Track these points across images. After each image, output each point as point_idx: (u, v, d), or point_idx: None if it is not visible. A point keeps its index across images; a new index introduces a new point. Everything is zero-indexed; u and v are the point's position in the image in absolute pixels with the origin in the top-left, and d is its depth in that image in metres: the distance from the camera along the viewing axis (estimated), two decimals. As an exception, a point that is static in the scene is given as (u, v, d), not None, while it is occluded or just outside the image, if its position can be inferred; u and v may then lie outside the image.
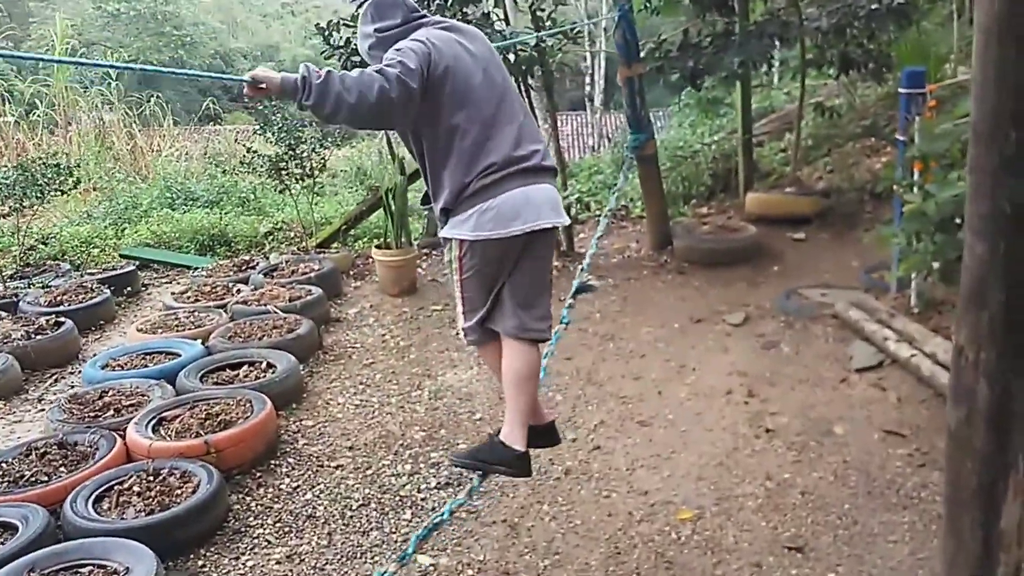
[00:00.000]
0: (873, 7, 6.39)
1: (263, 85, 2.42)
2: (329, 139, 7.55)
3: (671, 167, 9.18)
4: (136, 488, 3.69)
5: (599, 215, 8.45)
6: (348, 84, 2.35)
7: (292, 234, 10.01)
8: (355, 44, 6.07)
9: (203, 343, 5.48)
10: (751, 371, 4.84)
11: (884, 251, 6.16)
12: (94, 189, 12.85)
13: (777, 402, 4.42)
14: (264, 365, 5.01)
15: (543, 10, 6.75)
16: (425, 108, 2.58)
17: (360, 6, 3.23)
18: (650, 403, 4.54)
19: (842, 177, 8.07)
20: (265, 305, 6.01)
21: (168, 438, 4.10)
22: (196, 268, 8.06)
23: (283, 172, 7.40)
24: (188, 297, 6.53)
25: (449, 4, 6.05)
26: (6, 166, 8.49)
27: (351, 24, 6.33)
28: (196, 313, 6.11)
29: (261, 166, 7.37)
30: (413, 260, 6.95)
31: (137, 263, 8.58)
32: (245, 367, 5.02)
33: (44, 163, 7.51)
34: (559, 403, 4.62)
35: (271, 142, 7.34)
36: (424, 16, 2.79)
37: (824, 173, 8.86)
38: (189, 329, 5.78)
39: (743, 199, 8.00)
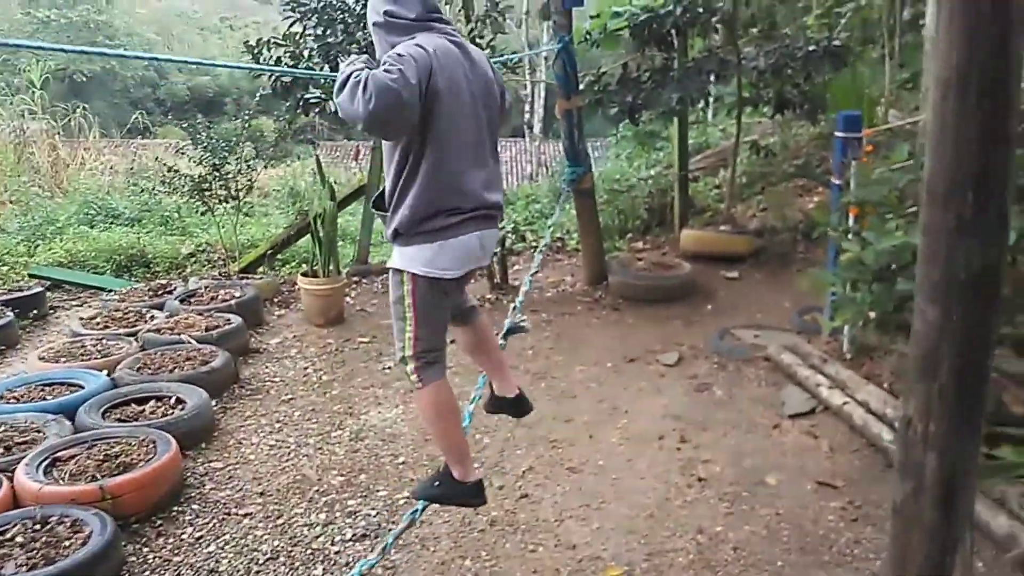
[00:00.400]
0: (810, 49, 6.45)
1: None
2: (257, 159, 7.26)
3: (607, 200, 9.13)
4: (20, 539, 3.35)
5: (535, 246, 8.34)
6: (365, 88, 2.30)
7: (216, 256, 9.64)
8: (286, 64, 5.86)
9: (109, 374, 5.13)
10: (684, 415, 4.72)
11: (817, 294, 6.19)
12: (10, 202, 12.23)
13: (710, 449, 4.30)
14: (173, 400, 4.69)
15: (482, 36, 6.63)
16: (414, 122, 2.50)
17: None
18: (581, 448, 4.38)
19: (775, 216, 8.12)
20: (179, 334, 5.68)
21: (60, 481, 3.77)
22: (110, 290, 7.65)
23: (206, 193, 7.07)
24: (97, 323, 6.14)
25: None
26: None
27: (283, 43, 6.10)
28: (104, 341, 5.74)
29: (183, 186, 7.02)
30: (341, 289, 6.69)
31: (48, 283, 8.14)
32: (152, 402, 4.69)
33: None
34: (486, 447, 4.42)
35: (195, 161, 7.02)
36: (439, 19, 2.65)
37: (757, 211, 8.92)
38: (95, 359, 5.41)
39: (678, 235, 7.98)
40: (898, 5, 9.59)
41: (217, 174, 7.00)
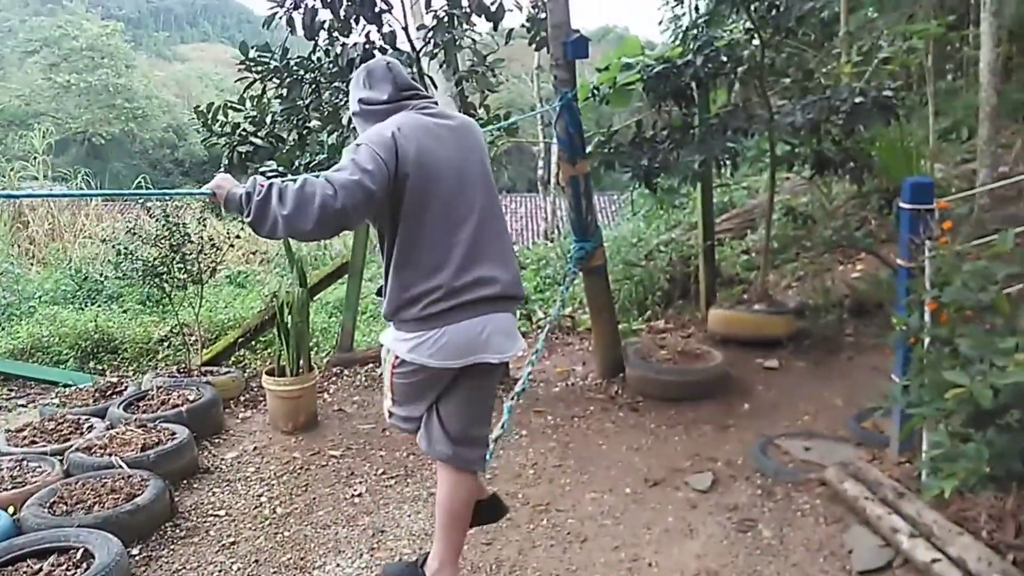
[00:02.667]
0: (856, 101, 5.50)
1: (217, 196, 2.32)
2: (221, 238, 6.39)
3: (623, 269, 8.18)
4: None
5: (545, 321, 7.36)
6: (286, 198, 2.19)
7: (193, 340, 8.77)
8: (242, 130, 5.02)
9: (15, 513, 4.19)
10: (723, 568, 3.68)
11: (876, 389, 5.18)
12: None
13: (762, 628, 3.26)
14: (79, 555, 3.72)
15: (466, 96, 5.77)
16: (383, 206, 2.43)
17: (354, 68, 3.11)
18: (592, 628, 3.35)
19: (815, 289, 7.10)
20: (110, 454, 4.73)
21: None
22: (65, 385, 6.76)
23: (161, 277, 6.18)
24: (25, 437, 5.21)
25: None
26: None
27: (238, 107, 5.26)
28: (24, 463, 4.80)
29: (135, 271, 6.14)
30: (312, 389, 5.73)
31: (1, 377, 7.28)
32: (54, 557, 3.73)
33: None
34: (467, 626, 3.40)
35: (147, 242, 6.15)
36: (413, 96, 2.61)
37: (792, 281, 7.92)
38: (4, 489, 4.47)
39: (704, 312, 6.99)
40: (932, 49, 8.68)
41: (175, 255, 6.12)
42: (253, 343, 7.44)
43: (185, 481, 4.85)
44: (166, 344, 8.18)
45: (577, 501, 4.39)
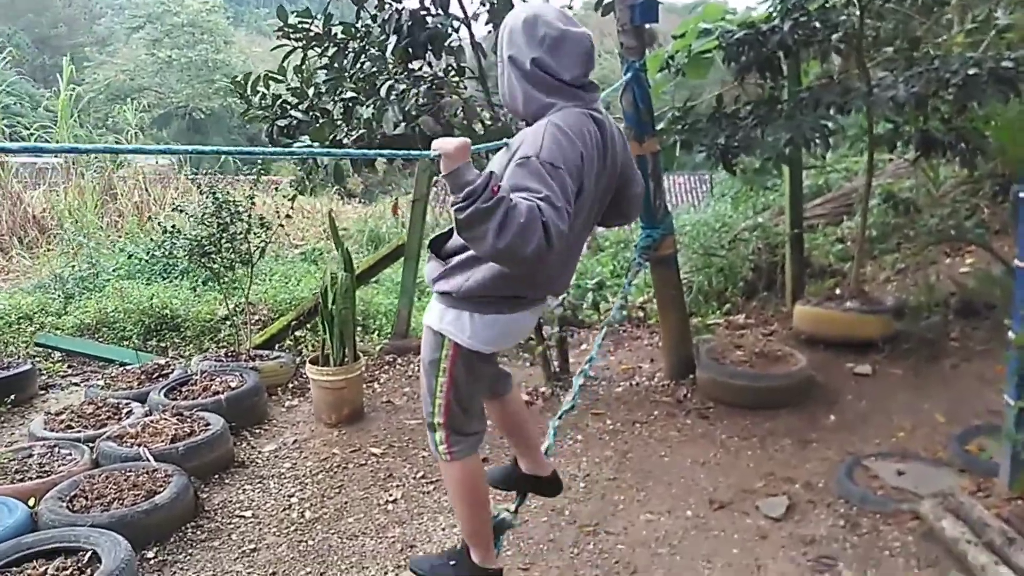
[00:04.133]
0: (970, 73, 4.77)
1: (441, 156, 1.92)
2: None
3: (702, 257, 7.56)
4: None
5: (606, 317, 6.82)
6: (507, 227, 1.81)
7: (254, 318, 8.60)
8: (282, 102, 4.68)
9: (35, 505, 3.99)
10: (795, 617, 3.16)
11: (981, 406, 4.53)
12: (74, 251, 11.64)
13: None
14: (86, 558, 3.48)
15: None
16: None
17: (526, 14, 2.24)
18: None
19: (917, 285, 6.36)
20: (140, 445, 4.51)
21: None
22: (124, 364, 6.66)
23: (210, 256, 5.94)
24: (62, 421, 5.05)
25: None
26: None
27: (279, 78, 4.91)
28: (55, 451, 4.63)
29: (182, 248, 5.91)
30: (357, 380, 5.40)
31: (62, 353, 7.25)
32: (60, 559, 3.49)
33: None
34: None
35: (196, 221, 5.91)
36: (590, 85, 2.26)
37: (891, 275, 7.17)
38: (29, 479, 4.29)
39: (790, 308, 6.35)
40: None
41: (224, 235, 5.86)
42: (314, 326, 7.17)
43: (217, 475, 4.60)
44: (228, 323, 8.03)
45: (630, 523, 3.91)
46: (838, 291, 6.18)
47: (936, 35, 6.59)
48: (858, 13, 5.35)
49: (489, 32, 4.83)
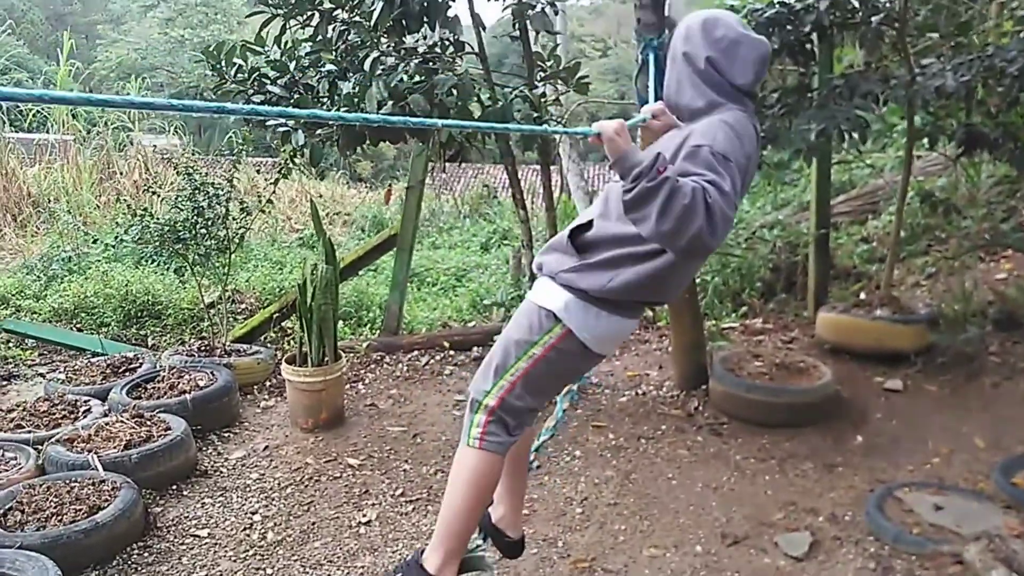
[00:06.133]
0: (1028, 62, 4.26)
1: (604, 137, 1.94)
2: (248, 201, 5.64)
3: (718, 255, 7.07)
4: None
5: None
6: (671, 206, 1.78)
7: (244, 307, 8.16)
8: (258, 76, 4.21)
9: (-36, 519, 3.55)
10: None
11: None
12: (64, 231, 11.22)
13: None
14: (9, 587, 3.05)
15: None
16: None
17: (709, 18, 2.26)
18: None
19: (950, 291, 5.85)
20: (90, 452, 4.06)
21: None
22: (97, 353, 6.22)
23: (185, 243, 5.48)
24: (12, 420, 4.61)
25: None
26: None
27: (258, 49, 4.44)
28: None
29: (154, 233, 5.45)
30: (338, 382, 4.93)
31: (35, 341, 6.83)
32: (-20, 589, 3.06)
33: None
34: None
35: (170, 205, 5.45)
36: (752, 94, 2.24)
37: (921, 279, 6.66)
38: (-37, 487, 3.86)
39: (812, 314, 5.86)
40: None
41: (199, 220, 5.40)
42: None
43: (175, 486, 4.16)
44: (213, 311, 7.59)
45: (632, 559, 3.45)
46: (863, 296, 5.68)
47: (984, 19, 6.06)
48: (902, -8, 4.84)
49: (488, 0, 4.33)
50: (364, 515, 3.87)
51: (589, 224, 2.20)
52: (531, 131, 4.04)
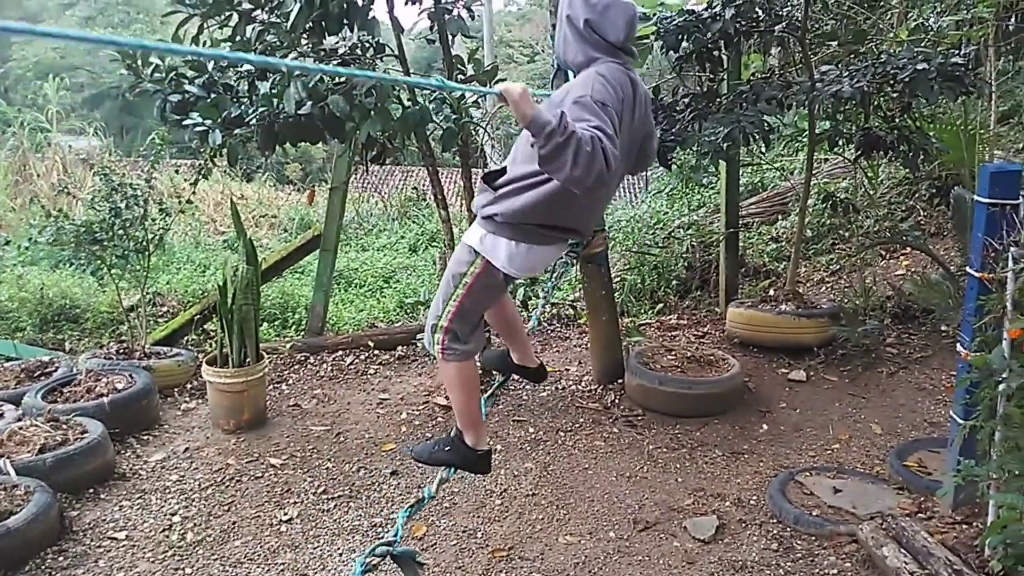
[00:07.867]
0: (918, 68, 4.54)
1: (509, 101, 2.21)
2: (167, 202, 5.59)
3: (636, 255, 7.29)
4: None
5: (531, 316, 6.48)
6: (579, 155, 2.11)
7: (165, 311, 8.03)
8: (175, 75, 4.20)
9: None
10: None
11: (920, 417, 4.33)
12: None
13: None
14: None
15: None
16: None
17: None
18: None
19: (851, 287, 6.17)
20: (2, 457, 3.99)
21: None
22: (13, 359, 6.05)
23: (102, 245, 5.40)
24: (-82, 427, 4.49)
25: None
26: None
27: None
28: (-96, 460, 4.08)
29: (69, 235, 5.36)
30: (259, 382, 4.94)
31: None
32: None
33: None
34: None
35: (87, 205, 5.37)
36: (630, 50, 2.56)
37: (826, 275, 7.00)
38: None
39: (723, 308, 6.10)
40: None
41: (116, 221, 5.33)
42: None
43: (92, 490, 4.12)
44: (133, 314, 7.46)
45: (548, 546, 3.57)
46: (772, 293, 5.96)
47: (880, 31, 6.41)
48: (803, 3, 5.09)
49: (407, 4, 4.40)
50: (285, 513, 3.91)
51: (503, 169, 2.54)
52: (431, 86, 4.18)
